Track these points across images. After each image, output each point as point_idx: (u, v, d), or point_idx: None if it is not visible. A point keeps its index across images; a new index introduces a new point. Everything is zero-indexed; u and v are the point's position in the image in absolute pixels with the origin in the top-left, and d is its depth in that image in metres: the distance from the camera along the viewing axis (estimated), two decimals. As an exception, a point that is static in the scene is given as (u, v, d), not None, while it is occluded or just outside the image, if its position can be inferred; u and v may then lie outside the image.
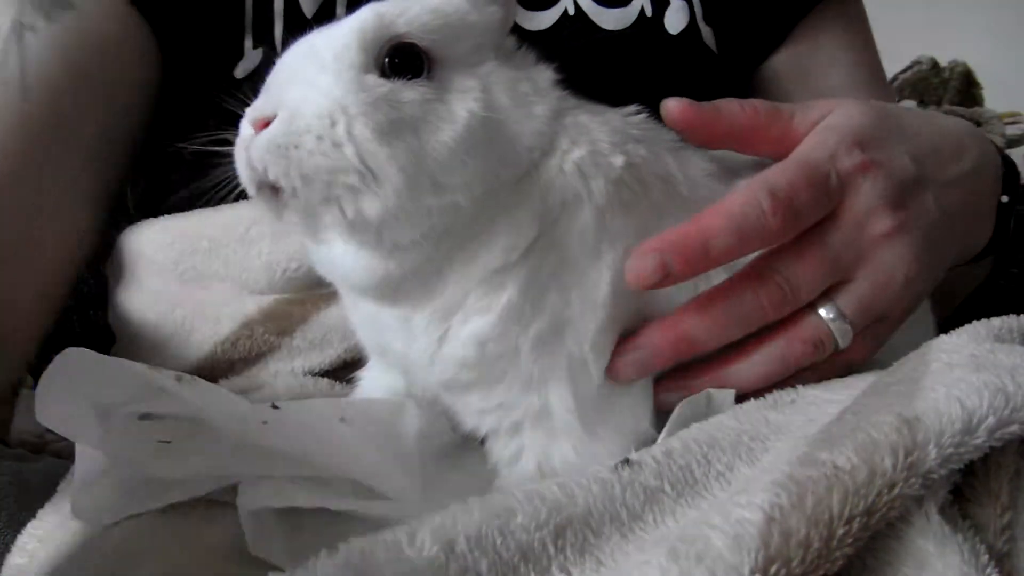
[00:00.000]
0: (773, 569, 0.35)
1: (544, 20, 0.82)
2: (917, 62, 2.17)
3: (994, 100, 2.06)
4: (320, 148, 0.46)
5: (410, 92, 0.48)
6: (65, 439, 0.90)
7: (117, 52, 0.76)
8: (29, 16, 0.74)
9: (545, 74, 0.55)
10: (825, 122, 0.58)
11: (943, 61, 2.22)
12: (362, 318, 0.58)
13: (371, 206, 0.47)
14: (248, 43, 0.79)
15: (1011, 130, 1.77)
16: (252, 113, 0.48)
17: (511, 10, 0.56)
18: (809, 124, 0.58)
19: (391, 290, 0.51)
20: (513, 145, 0.50)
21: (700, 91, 0.86)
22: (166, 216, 0.74)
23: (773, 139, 0.58)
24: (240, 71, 0.78)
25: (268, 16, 0.78)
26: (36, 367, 0.81)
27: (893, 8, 1.20)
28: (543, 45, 0.59)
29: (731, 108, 0.57)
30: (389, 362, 0.59)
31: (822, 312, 0.54)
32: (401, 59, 0.49)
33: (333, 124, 0.46)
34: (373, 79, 0.48)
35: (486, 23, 0.53)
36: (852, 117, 0.58)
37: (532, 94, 0.52)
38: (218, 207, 0.68)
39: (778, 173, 0.53)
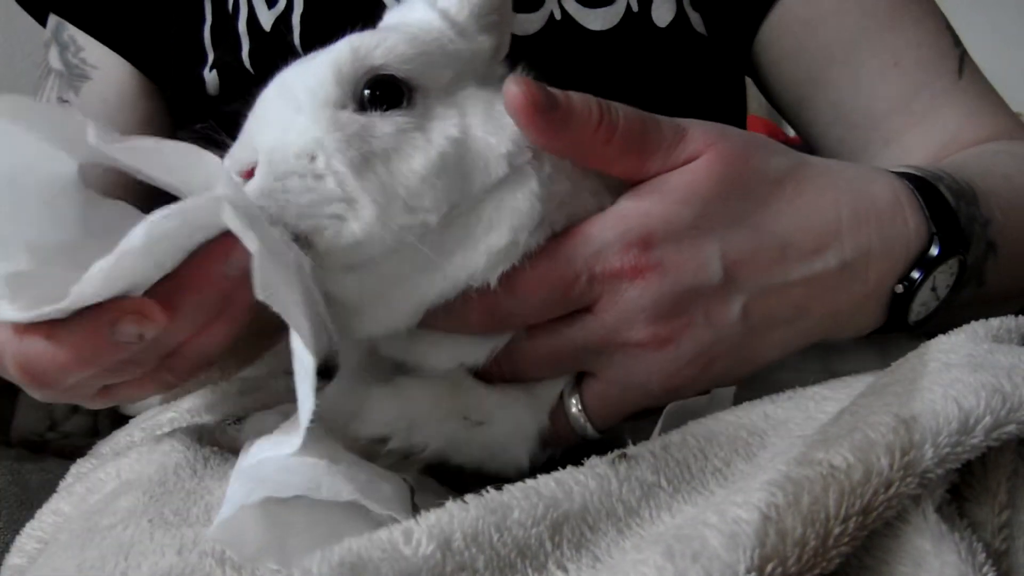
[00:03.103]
0: (769, 568, 0.35)
1: (531, 24, 0.82)
2: (917, 62, 2.16)
3: (994, 100, 2.05)
4: (305, 185, 0.47)
5: (385, 124, 0.49)
6: (65, 439, 0.91)
7: (130, 98, 0.93)
8: (64, 91, 0.94)
9: None
10: (628, 201, 0.51)
11: (943, 61, 2.20)
12: None
13: (354, 227, 0.48)
14: (210, 61, 0.86)
15: (1011, 130, 1.76)
16: (233, 165, 0.49)
17: (505, 39, 0.56)
18: (666, 168, 0.52)
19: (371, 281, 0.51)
20: (481, 166, 0.50)
21: (693, 80, 0.86)
22: None
23: (620, 172, 0.52)
24: (210, 89, 0.86)
25: (230, 35, 0.85)
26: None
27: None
28: (532, 50, 0.58)
29: (583, 122, 0.48)
30: None
31: (572, 401, 0.54)
32: (381, 90, 0.49)
33: (312, 160, 0.48)
34: (347, 115, 0.49)
35: (472, 52, 0.53)
36: (677, 195, 0.51)
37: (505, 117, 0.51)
38: None
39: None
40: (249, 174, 0.49)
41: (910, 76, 0.84)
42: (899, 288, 0.56)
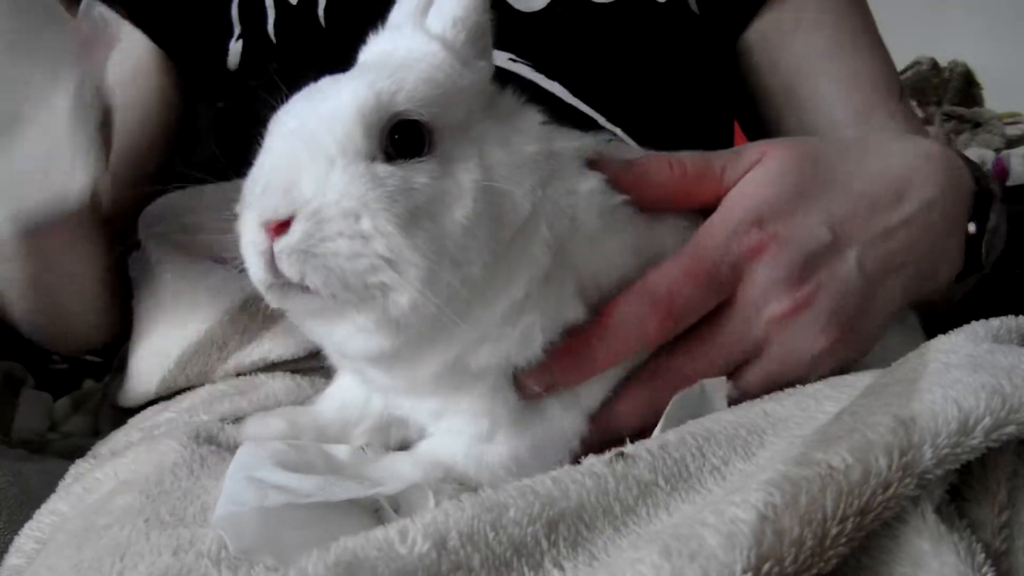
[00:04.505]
0: (766, 568, 0.35)
1: (536, 0, 0.84)
2: (917, 62, 2.17)
3: (994, 100, 2.06)
4: (353, 249, 0.46)
5: (420, 175, 0.48)
6: (65, 439, 0.91)
7: (145, 69, 0.94)
8: None
9: (531, 119, 0.54)
10: (732, 194, 0.57)
11: (943, 61, 2.22)
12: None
13: (401, 300, 0.47)
14: (236, 33, 0.87)
15: (1011, 130, 1.78)
16: (263, 214, 0.47)
17: (491, 59, 0.56)
18: (738, 176, 0.58)
19: (392, 360, 0.51)
20: (510, 207, 0.50)
21: (687, 58, 0.89)
22: (190, 188, 0.76)
23: (704, 197, 0.58)
24: (231, 63, 0.87)
25: (256, 7, 0.85)
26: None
27: (893, 8, 1.21)
28: (538, 25, 0.59)
29: (659, 170, 0.56)
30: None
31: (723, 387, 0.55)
32: (403, 136, 0.49)
33: (358, 221, 0.46)
34: (384, 168, 0.48)
35: (477, 81, 0.53)
36: (765, 181, 0.57)
37: (522, 150, 0.52)
38: (219, 184, 0.68)
39: (661, 275, 0.54)
40: (280, 227, 0.46)
41: (867, 94, 0.93)
42: (972, 227, 0.62)
